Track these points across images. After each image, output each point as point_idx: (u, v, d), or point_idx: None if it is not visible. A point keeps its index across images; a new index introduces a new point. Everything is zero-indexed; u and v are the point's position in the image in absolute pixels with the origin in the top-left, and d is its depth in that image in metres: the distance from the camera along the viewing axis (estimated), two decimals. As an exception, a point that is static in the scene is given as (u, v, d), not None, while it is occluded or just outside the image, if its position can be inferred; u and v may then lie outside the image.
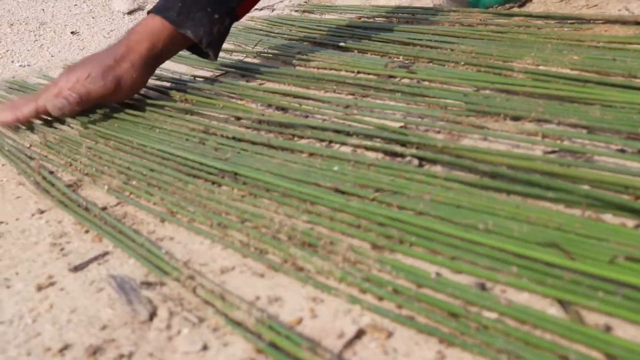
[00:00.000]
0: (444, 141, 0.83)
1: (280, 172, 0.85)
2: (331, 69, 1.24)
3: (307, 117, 1.04)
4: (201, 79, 1.30)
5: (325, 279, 0.65)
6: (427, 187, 0.76)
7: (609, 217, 0.66)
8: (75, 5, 1.85)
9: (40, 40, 1.69)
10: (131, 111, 1.14)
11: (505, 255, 0.62)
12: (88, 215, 0.85)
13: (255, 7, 1.26)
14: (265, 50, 1.42)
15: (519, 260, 0.61)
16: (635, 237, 0.60)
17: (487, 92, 1.01)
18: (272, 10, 1.74)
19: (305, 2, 1.76)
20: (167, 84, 1.29)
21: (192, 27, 1.13)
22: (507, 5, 1.47)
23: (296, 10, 1.69)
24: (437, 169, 0.80)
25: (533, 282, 0.58)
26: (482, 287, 0.60)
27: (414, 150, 0.84)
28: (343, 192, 0.78)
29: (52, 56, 1.61)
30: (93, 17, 1.80)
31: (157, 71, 1.22)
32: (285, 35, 1.50)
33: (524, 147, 0.83)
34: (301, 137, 0.97)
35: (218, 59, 1.24)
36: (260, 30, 1.57)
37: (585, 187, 0.69)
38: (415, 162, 0.83)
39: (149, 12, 1.17)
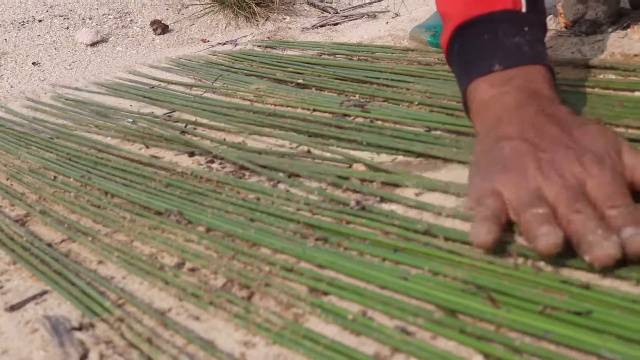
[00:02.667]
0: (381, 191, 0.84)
1: (227, 210, 0.85)
2: (288, 106, 1.25)
3: (260, 153, 1.05)
4: (155, 114, 1.30)
5: (258, 323, 0.64)
6: (368, 230, 0.76)
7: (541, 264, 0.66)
8: (39, 35, 1.85)
9: (0, 70, 1.68)
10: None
11: (438, 299, 0.62)
12: (24, 254, 0.84)
13: (218, 41, 1.27)
14: (225, 86, 1.42)
15: (448, 304, 0.61)
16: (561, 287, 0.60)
17: (438, 132, 1.02)
18: (235, 45, 1.75)
19: (268, 37, 1.77)
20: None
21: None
22: None
23: (258, 46, 1.70)
24: (379, 215, 0.80)
25: (456, 329, 0.58)
26: (407, 333, 0.60)
27: (357, 196, 0.85)
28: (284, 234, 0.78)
29: (11, 87, 1.61)
30: (55, 48, 1.80)
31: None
32: (246, 71, 1.50)
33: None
34: (251, 176, 0.97)
35: (175, 92, 1.24)
36: (222, 65, 1.58)
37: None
38: (357, 205, 0.83)
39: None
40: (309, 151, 1.01)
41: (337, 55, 1.52)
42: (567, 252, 0.63)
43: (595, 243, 0.58)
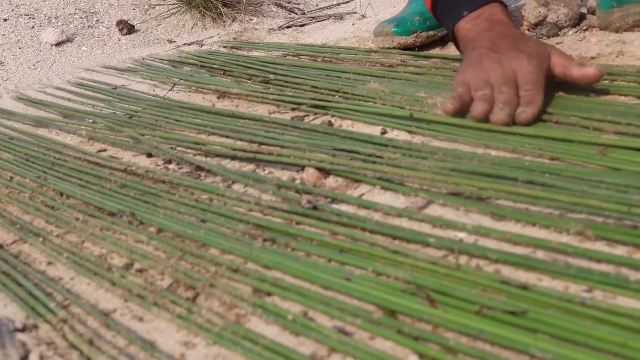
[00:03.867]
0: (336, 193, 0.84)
1: (179, 210, 0.85)
2: (248, 108, 1.25)
3: (216, 155, 1.05)
4: (118, 114, 1.29)
5: (199, 324, 0.64)
6: (318, 231, 0.76)
7: (485, 264, 0.67)
8: (3, 35, 1.84)
9: (-37, 70, 1.67)
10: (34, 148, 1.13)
11: (378, 300, 0.62)
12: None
13: (184, 42, 1.26)
14: (188, 86, 1.42)
15: (388, 305, 0.61)
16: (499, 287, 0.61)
17: (395, 133, 1.02)
18: (201, 46, 1.75)
19: (234, 38, 1.77)
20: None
21: None
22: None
23: (224, 46, 1.69)
24: (328, 214, 0.80)
25: (393, 330, 0.58)
26: (345, 333, 0.60)
27: (309, 196, 0.85)
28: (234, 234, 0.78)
29: (-26, 87, 1.60)
30: (20, 48, 1.79)
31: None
32: (210, 72, 1.50)
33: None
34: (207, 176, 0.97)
35: (137, 93, 1.23)
36: (187, 65, 1.57)
37: (462, 234, 0.70)
38: (308, 204, 0.83)
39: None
40: (265, 152, 1.01)
41: (301, 57, 1.52)
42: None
43: (497, 111, 0.92)
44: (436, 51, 1.43)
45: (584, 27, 1.41)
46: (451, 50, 1.45)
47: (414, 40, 1.42)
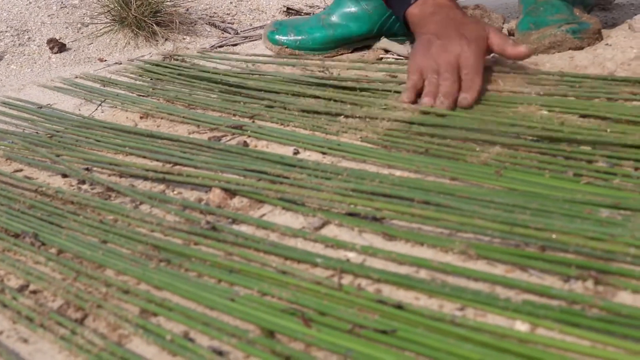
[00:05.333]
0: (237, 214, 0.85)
1: (83, 231, 0.86)
2: (169, 128, 1.25)
3: (131, 176, 1.05)
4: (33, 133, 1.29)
5: (80, 345, 0.64)
6: (214, 252, 0.77)
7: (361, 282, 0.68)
8: None
9: None
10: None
11: (259, 320, 0.63)
12: None
13: (116, 60, 1.26)
14: (114, 106, 1.42)
15: (267, 325, 0.62)
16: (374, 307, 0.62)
17: (308, 153, 1.03)
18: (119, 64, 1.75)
19: (164, 57, 1.76)
20: None
21: None
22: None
23: (156, 64, 1.69)
24: (226, 235, 0.81)
25: (267, 349, 0.59)
26: (220, 353, 0.61)
27: (210, 217, 0.86)
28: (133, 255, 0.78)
29: None
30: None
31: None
32: (138, 91, 1.50)
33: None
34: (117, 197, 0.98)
35: (62, 113, 1.22)
36: (115, 84, 1.57)
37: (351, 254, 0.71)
38: (207, 225, 0.84)
39: None
40: (175, 173, 1.01)
41: (239, 74, 1.52)
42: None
43: (439, 104, 1.07)
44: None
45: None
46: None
47: (278, 52, 1.57)
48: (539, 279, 0.66)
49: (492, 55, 1.21)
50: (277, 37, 1.56)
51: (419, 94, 1.11)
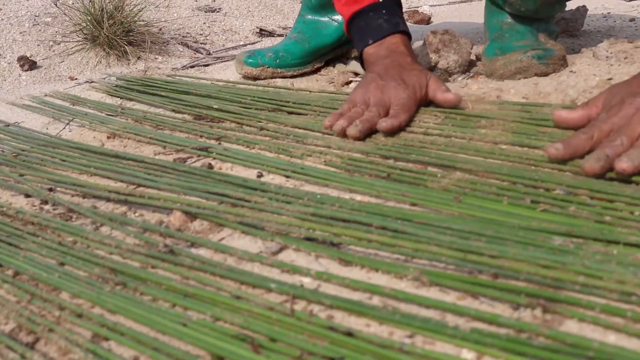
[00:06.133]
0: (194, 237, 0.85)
1: (41, 253, 0.85)
2: (136, 148, 1.25)
3: (94, 197, 1.05)
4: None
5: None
6: (170, 275, 0.77)
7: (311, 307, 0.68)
8: None
9: None
10: None
11: (209, 345, 0.63)
12: None
13: (87, 79, 1.25)
14: (82, 125, 1.42)
15: (217, 350, 0.62)
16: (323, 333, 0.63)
17: (271, 176, 1.04)
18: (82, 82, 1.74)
19: (144, 73, 1.77)
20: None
21: None
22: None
23: (129, 81, 1.69)
24: (184, 258, 0.81)
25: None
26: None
27: (169, 240, 0.86)
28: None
29: None
30: None
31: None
32: (109, 108, 1.50)
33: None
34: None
35: (29, 131, 1.23)
36: (84, 103, 1.57)
37: (307, 280, 0.71)
38: (165, 248, 0.84)
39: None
40: (137, 195, 1.01)
41: (211, 95, 1.52)
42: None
43: (351, 127, 1.10)
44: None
45: (472, 74, 1.46)
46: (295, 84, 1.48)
47: (259, 73, 1.59)
48: (490, 307, 0.66)
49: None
50: (255, 60, 1.58)
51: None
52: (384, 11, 1.30)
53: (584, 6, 1.72)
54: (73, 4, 1.98)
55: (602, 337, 0.60)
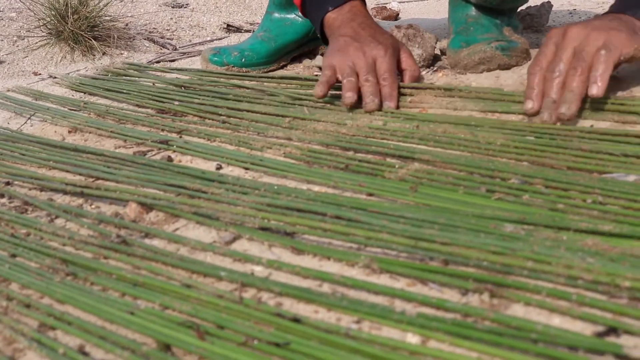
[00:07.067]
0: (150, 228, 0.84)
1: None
2: (96, 142, 1.24)
3: (51, 190, 1.04)
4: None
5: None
6: (122, 265, 0.77)
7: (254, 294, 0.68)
8: None
9: None
10: None
11: (156, 333, 0.63)
12: None
13: (51, 74, 1.23)
14: (44, 120, 1.41)
15: (164, 338, 0.62)
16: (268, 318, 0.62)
17: (230, 168, 1.03)
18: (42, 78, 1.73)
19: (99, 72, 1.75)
20: None
21: None
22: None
23: (95, 78, 1.68)
24: (136, 248, 0.80)
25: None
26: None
27: (123, 231, 0.85)
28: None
29: None
30: None
31: None
32: (72, 103, 1.48)
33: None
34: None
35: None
36: (48, 98, 1.55)
37: (258, 268, 0.71)
38: (118, 238, 0.83)
39: None
40: (93, 187, 1.00)
41: (173, 91, 1.51)
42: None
43: (370, 103, 1.13)
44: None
45: (436, 68, 1.46)
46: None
47: (225, 72, 1.56)
48: (439, 293, 0.66)
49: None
50: (221, 58, 1.57)
51: (331, 88, 1.17)
52: None
53: (548, 2, 1.73)
54: (38, -1, 1.96)
55: (547, 320, 0.60)
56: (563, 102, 0.96)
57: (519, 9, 1.58)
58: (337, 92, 1.19)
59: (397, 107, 1.14)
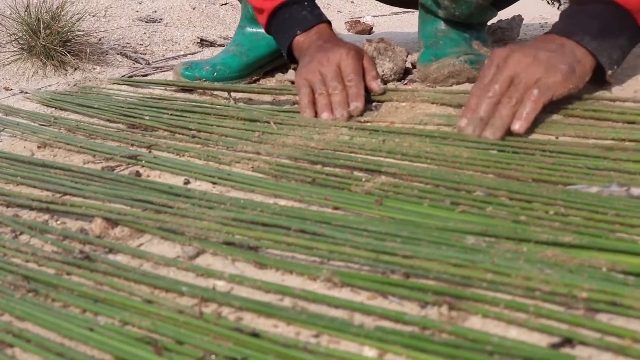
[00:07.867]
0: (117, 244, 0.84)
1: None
2: (65, 157, 1.24)
3: (18, 206, 1.03)
4: None
5: None
6: (84, 281, 0.76)
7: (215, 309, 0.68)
8: None
9: None
10: None
11: (114, 349, 0.62)
12: None
13: (22, 89, 1.21)
14: (13, 135, 1.40)
15: (121, 354, 0.61)
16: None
17: (198, 183, 1.03)
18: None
19: (75, 84, 1.75)
20: None
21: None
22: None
23: (68, 93, 1.67)
24: (99, 264, 0.80)
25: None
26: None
27: (87, 247, 0.85)
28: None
29: None
30: None
31: None
32: (42, 118, 1.48)
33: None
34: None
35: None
36: (18, 113, 1.54)
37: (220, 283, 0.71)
38: (80, 254, 0.83)
39: None
40: (59, 203, 1.00)
41: (145, 104, 1.51)
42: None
43: (337, 115, 1.18)
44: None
45: (406, 81, 1.47)
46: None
47: (196, 86, 1.55)
48: (398, 306, 0.67)
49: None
50: (193, 72, 1.56)
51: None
52: (306, 3, 1.38)
53: (519, 15, 1.75)
54: (10, 14, 1.95)
55: (504, 331, 0.61)
56: (491, 126, 1.00)
57: (489, 23, 1.59)
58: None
59: (364, 107, 1.19)
